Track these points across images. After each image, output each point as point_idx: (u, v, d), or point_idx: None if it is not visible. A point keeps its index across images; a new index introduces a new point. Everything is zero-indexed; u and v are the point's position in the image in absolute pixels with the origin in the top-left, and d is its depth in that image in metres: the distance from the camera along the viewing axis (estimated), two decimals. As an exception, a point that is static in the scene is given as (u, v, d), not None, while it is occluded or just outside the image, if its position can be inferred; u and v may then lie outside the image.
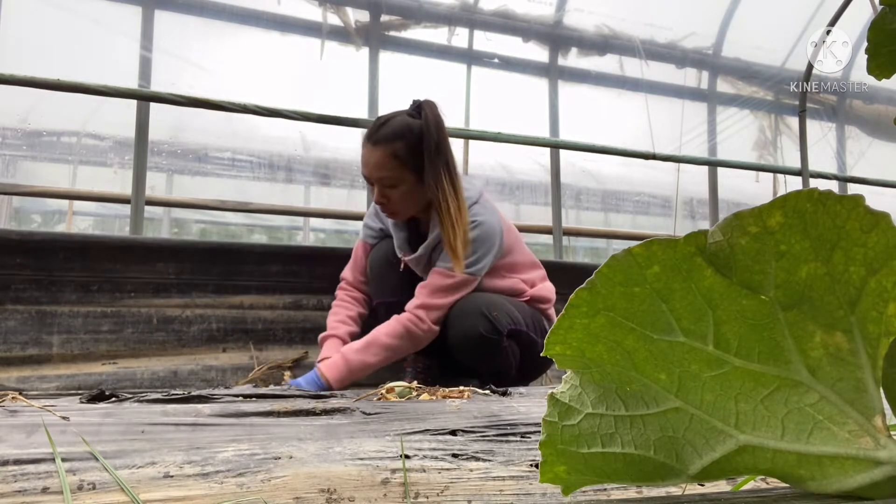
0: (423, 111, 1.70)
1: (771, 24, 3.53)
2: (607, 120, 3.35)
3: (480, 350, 1.68)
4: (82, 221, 4.14)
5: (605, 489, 0.65)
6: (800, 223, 0.33)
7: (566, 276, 2.17)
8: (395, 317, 1.70)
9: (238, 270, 2.02)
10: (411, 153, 1.68)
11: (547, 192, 3.12)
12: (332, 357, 1.64)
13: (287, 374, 1.90)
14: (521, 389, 1.30)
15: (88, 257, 1.87)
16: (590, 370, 0.39)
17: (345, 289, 1.92)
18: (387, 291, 1.86)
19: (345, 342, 1.76)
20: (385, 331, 1.68)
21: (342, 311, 1.86)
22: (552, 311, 1.90)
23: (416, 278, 1.81)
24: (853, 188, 3.65)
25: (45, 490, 0.59)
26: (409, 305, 1.71)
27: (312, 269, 2.10)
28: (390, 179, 1.69)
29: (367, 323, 1.88)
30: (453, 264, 1.68)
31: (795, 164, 3.53)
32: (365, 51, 2.80)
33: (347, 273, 1.93)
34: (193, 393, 1.04)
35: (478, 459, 0.71)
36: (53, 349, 1.80)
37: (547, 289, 1.90)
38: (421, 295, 1.72)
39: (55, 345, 1.80)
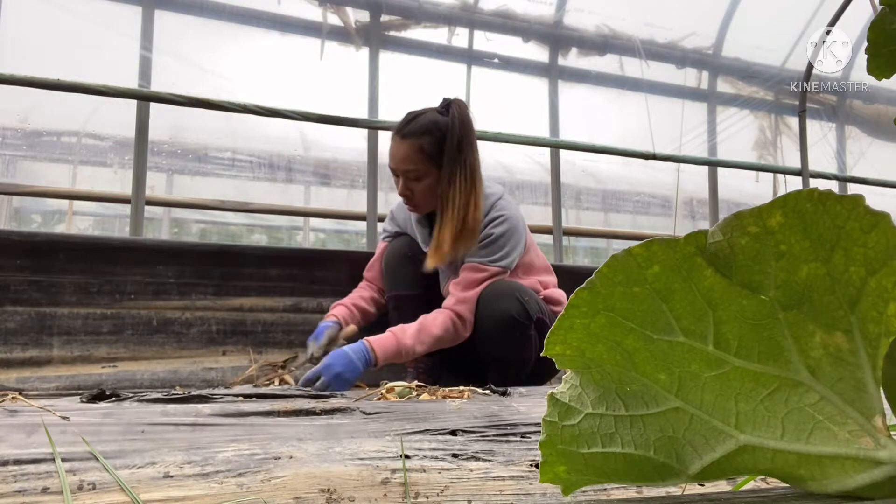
0: (451, 109, 1.76)
1: (771, 24, 3.53)
2: (607, 120, 3.34)
3: (509, 334, 1.70)
4: (82, 221, 4.14)
5: (605, 489, 0.65)
6: (800, 223, 0.33)
7: (566, 278, 2.16)
8: (439, 310, 1.73)
9: (238, 273, 2.02)
10: (437, 148, 1.74)
11: (547, 192, 3.11)
12: (384, 335, 1.67)
13: (280, 371, 1.90)
14: (521, 389, 1.31)
15: (88, 259, 1.87)
16: (590, 370, 0.39)
17: (363, 280, 2.00)
18: (400, 284, 1.89)
19: (348, 309, 1.86)
20: (436, 321, 1.70)
21: (356, 291, 1.96)
22: None
23: (432, 275, 1.83)
24: (853, 188, 3.65)
25: (45, 490, 0.59)
26: (448, 303, 1.74)
27: (312, 272, 2.10)
28: (415, 173, 1.75)
29: (381, 316, 1.95)
30: (430, 256, 1.73)
31: (795, 164, 3.53)
32: (365, 51, 2.80)
33: (366, 270, 2.01)
34: (193, 393, 1.04)
35: (478, 459, 0.71)
36: (53, 351, 1.80)
37: (559, 293, 1.94)
38: (456, 291, 1.75)
39: (55, 346, 1.80)
